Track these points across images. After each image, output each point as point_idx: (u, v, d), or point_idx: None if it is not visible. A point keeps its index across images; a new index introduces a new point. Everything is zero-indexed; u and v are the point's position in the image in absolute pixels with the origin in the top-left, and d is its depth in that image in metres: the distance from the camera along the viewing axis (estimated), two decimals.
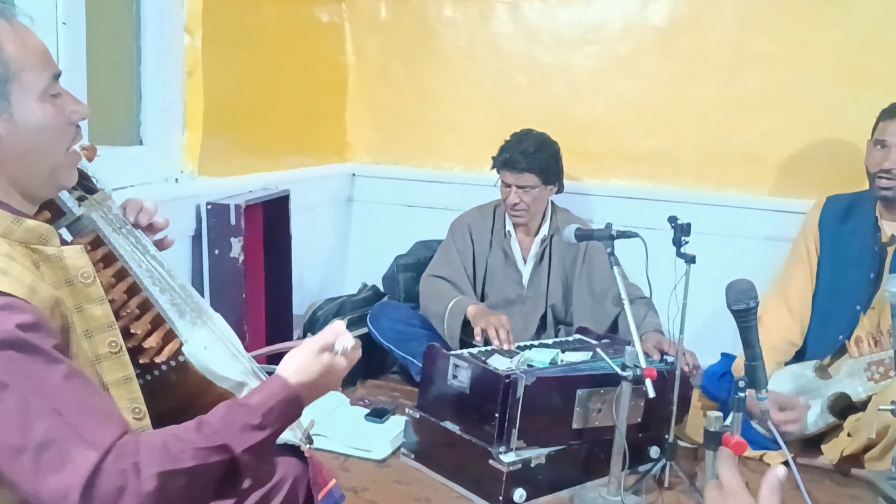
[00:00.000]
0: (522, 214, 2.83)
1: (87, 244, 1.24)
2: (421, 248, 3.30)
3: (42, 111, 1.09)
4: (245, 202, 2.53)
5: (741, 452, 1.67)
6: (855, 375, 2.40)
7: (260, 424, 1.08)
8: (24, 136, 1.08)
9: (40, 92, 1.09)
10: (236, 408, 1.09)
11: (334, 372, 1.20)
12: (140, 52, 2.51)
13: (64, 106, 1.13)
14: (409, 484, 2.26)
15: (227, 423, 1.06)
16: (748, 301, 1.75)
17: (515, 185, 2.77)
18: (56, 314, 1.04)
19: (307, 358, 1.17)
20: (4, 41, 1.07)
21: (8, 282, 0.98)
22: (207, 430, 1.04)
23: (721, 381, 2.67)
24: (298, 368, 1.16)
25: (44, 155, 1.11)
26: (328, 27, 3.48)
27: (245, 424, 1.07)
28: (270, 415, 1.10)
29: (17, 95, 1.07)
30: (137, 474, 0.96)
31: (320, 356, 1.18)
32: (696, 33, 3.16)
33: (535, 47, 3.39)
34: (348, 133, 3.71)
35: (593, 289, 2.84)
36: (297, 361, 1.17)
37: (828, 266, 2.62)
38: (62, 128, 1.13)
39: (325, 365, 1.18)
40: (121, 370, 1.14)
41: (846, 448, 2.34)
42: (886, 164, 2.43)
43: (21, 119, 1.07)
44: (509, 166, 2.76)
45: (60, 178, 1.16)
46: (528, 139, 2.79)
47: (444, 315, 2.72)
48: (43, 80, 1.10)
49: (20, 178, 1.10)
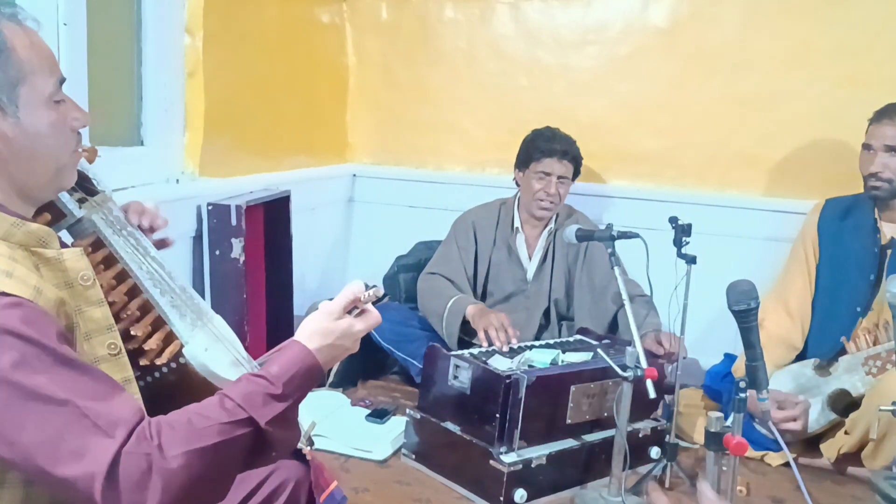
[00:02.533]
0: (553, 207, 2.85)
1: (88, 246, 1.24)
2: (422, 249, 3.30)
3: (48, 117, 1.10)
4: (246, 203, 2.53)
5: (742, 453, 1.67)
6: (853, 370, 2.41)
7: (282, 394, 1.07)
8: (30, 140, 1.09)
9: (47, 97, 1.10)
10: (257, 379, 1.08)
11: (352, 334, 1.19)
12: (141, 52, 2.50)
13: (67, 112, 1.14)
14: (410, 484, 2.26)
15: (249, 395, 1.06)
16: (749, 302, 1.75)
17: (557, 174, 2.80)
18: (61, 314, 1.04)
19: (325, 322, 1.16)
20: (17, 44, 1.07)
21: (13, 283, 0.98)
22: (230, 404, 1.04)
23: (723, 381, 2.67)
24: (315, 333, 1.15)
25: (47, 159, 1.12)
26: (329, 28, 3.49)
27: (267, 396, 1.06)
28: (291, 383, 1.09)
29: (25, 99, 1.08)
30: (162, 454, 0.96)
31: (339, 320, 1.17)
32: (697, 34, 3.16)
33: (535, 48, 3.39)
34: (349, 134, 3.71)
35: (593, 284, 2.84)
36: (315, 325, 1.16)
37: (827, 268, 2.62)
38: (65, 134, 1.14)
39: (343, 329, 1.17)
40: (119, 372, 1.14)
41: (844, 446, 2.34)
42: (873, 168, 2.46)
43: (28, 123, 1.08)
44: (556, 154, 2.80)
45: (62, 180, 1.17)
46: (558, 132, 2.87)
47: (442, 314, 2.72)
48: (50, 86, 1.11)
49: (22, 180, 1.11)
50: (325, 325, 1.16)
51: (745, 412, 1.72)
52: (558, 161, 2.80)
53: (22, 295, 0.98)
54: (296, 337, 1.15)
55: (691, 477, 2.29)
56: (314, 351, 1.14)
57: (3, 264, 1.00)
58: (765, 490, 2.32)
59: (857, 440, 2.30)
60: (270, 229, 2.80)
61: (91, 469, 0.93)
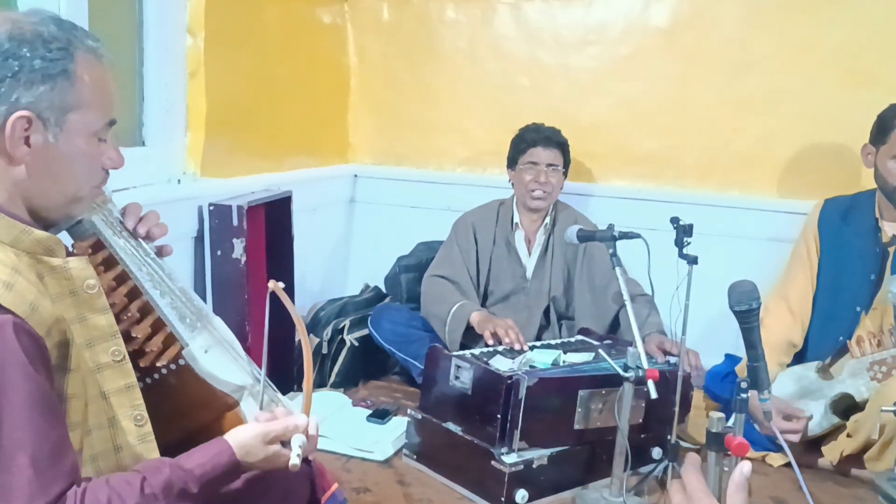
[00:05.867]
0: (546, 196, 2.85)
1: (88, 247, 1.24)
2: (423, 249, 3.30)
3: (85, 148, 1.13)
4: (247, 203, 2.53)
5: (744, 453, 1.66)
6: (858, 375, 2.40)
7: (199, 493, 1.11)
8: (58, 160, 1.11)
9: (93, 132, 1.13)
10: (180, 472, 1.10)
11: (275, 461, 1.21)
12: (142, 53, 2.51)
13: (104, 151, 1.17)
14: (411, 485, 2.26)
15: (167, 488, 1.08)
16: (750, 302, 1.74)
17: (545, 162, 2.83)
18: (54, 331, 1.04)
19: (255, 443, 1.18)
20: (86, 75, 1.10)
21: (10, 297, 0.99)
22: (148, 491, 1.06)
23: (724, 381, 2.67)
24: (243, 446, 1.17)
25: (68, 184, 1.14)
26: (330, 28, 3.49)
27: (183, 492, 1.09)
28: (209, 486, 1.12)
29: (70, 126, 1.10)
30: None
31: (267, 446, 1.19)
32: (698, 34, 3.15)
33: (536, 48, 3.39)
34: (350, 134, 3.71)
35: (594, 283, 2.84)
36: (246, 440, 1.18)
37: (829, 267, 2.62)
38: (94, 168, 1.17)
39: (269, 455, 1.19)
40: (123, 378, 1.15)
41: (846, 449, 2.34)
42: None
43: (63, 146, 1.10)
44: (541, 143, 2.85)
45: (75, 209, 1.19)
46: (542, 125, 2.93)
47: (446, 319, 2.72)
48: (100, 123, 1.14)
49: (37, 196, 1.12)
50: (254, 445, 1.18)
51: (747, 412, 1.72)
52: (544, 149, 2.84)
53: (15, 311, 0.98)
54: (227, 439, 1.17)
55: None
56: (240, 459, 1.16)
57: (5, 275, 1.00)
58: (766, 490, 2.31)
59: (860, 443, 2.30)
60: (272, 230, 2.80)
61: None
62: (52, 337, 1.03)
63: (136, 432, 1.15)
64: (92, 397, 1.12)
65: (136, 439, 1.15)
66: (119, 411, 1.14)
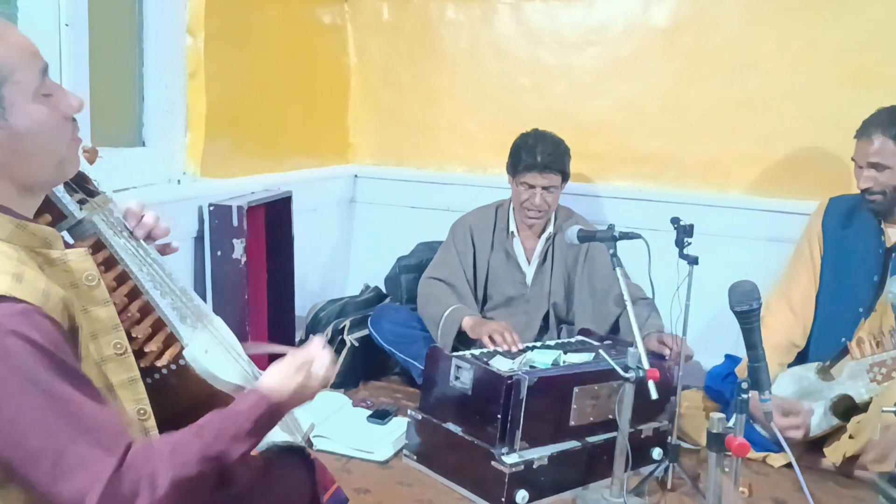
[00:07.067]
0: (542, 216, 2.82)
1: (89, 247, 1.23)
2: (423, 250, 3.30)
3: (38, 112, 1.06)
4: (247, 203, 2.53)
5: (744, 454, 1.66)
6: (857, 377, 2.39)
7: (252, 431, 1.13)
8: (23, 140, 1.06)
9: (33, 92, 1.06)
10: (231, 415, 1.13)
11: (308, 389, 1.25)
12: (142, 53, 2.51)
13: (57, 102, 1.10)
14: (412, 485, 2.26)
15: (223, 431, 1.10)
16: (751, 302, 1.74)
17: (541, 186, 2.75)
18: (66, 316, 1.04)
19: (284, 376, 1.22)
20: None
21: (22, 288, 0.98)
22: (207, 437, 1.08)
23: (725, 382, 2.67)
24: (275, 385, 1.20)
25: (46, 155, 1.09)
26: (330, 29, 3.49)
27: (238, 433, 1.11)
28: (259, 422, 1.14)
29: (10, 100, 1.04)
30: (152, 482, 0.99)
31: (296, 375, 1.23)
32: (699, 34, 3.15)
33: (537, 48, 3.39)
34: (350, 134, 3.71)
35: (594, 287, 2.83)
36: (275, 377, 1.22)
37: (831, 268, 2.62)
38: (59, 126, 1.10)
39: (299, 383, 1.23)
40: (126, 371, 1.14)
41: (848, 450, 2.34)
42: (861, 185, 2.46)
43: (18, 123, 1.05)
44: (537, 168, 2.73)
45: (65, 170, 1.15)
46: (542, 140, 2.78)
47: (439, 322, 2.71)
48: (34, 80, 1.07)
49: (24, 179, 1.09)
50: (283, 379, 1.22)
51: (747, 413, 1.72)
52: (540, 174, 2.74)
53: (31, 301, 0.98)
54: (257, 386, 1.22)
55: (693, 478, 2.29)
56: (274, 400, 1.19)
57: (13, 267, 0.99)
58: (767, 491, 2.31)
59: (862, 444, 2.30)
60: (272, 230, 2.80)
61: (89, 484, 0.96)
62: (64, 321, 1.03)
63: (139, 426, 1.15)
64: (100, 389, 1.12)
65: (141, 433, 1.15)
66: (123, 405, 1.14)
